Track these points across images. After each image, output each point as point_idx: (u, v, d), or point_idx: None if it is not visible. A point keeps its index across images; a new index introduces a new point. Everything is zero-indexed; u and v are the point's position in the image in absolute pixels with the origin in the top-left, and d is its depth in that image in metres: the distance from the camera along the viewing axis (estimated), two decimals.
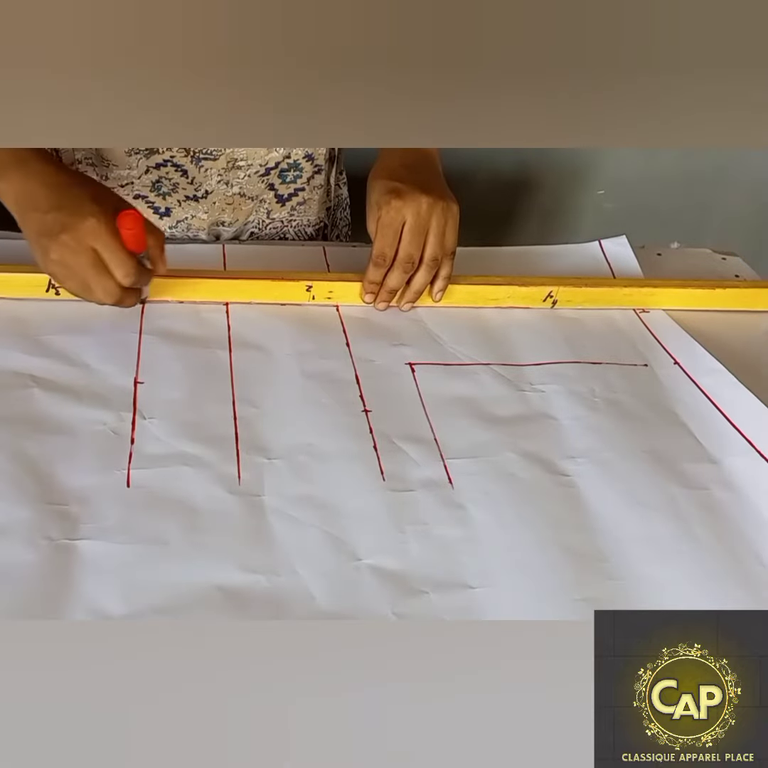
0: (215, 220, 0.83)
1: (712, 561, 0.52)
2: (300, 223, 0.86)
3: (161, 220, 0.82)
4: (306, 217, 0.86)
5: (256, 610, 0.47)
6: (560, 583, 0.50)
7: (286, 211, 0.85)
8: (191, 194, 0.80)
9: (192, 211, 0.82)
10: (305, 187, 0.84)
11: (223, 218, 0.83)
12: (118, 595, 0.46)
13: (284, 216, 0.85)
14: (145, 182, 0.79)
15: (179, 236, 0.83)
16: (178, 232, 0.83)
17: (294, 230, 0.87)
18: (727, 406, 0.64)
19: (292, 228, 0.86)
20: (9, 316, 0.64)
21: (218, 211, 0.82)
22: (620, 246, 0.81)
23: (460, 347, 0.68)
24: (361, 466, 0.56)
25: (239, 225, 0.84)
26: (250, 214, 0.84)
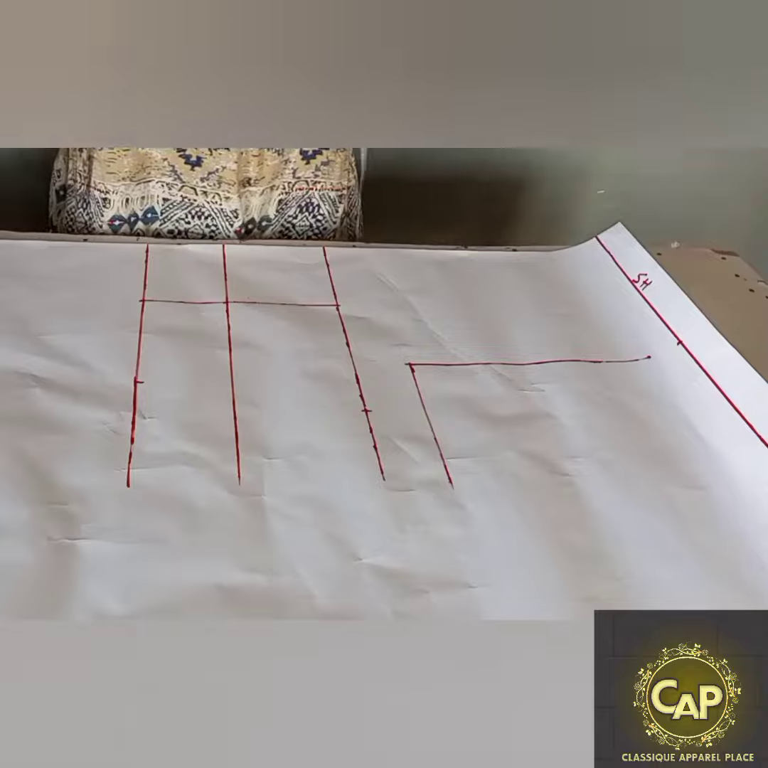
0: (244, 176, 0.81)
1: (713, 561, 0.52)
2: (324, 186, 0.86)
3: (193, 171, 0.81)
4: (329, 180, 0.86)
5: (256, 609, 0.47)
6: (560, 582, 0.50)
7: (311, 171, 0.85)
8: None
9: (222, 161, 0.80)
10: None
11: (251, 173, 0.82)
12: (118, 595, 0.46)
13: (309, 176, 0.85)
14: None
15: (210, 193, 0.81)
16: (210, 186, 0.81)
17: (320, 194, 0.86)
18: (731, 388, 0.62)
19: (317, 191, 0.86)
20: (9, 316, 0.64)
21: (244, 162, 0.81)
22: (617, 234, 0.80)
23: (460, 347, 0.68)
24: (361, 465, 0.56)
25: (265, 185, 0.83)
26: (277, 173, 0.83)
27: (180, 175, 0.81)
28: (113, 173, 0.81)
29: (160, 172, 0.81)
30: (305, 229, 0.87)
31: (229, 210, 0.82)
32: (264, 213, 0.84)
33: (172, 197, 0.82)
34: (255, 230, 0.85)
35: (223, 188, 0.82)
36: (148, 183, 0.81)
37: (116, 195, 0.81)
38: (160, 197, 0.82)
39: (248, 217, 0.83)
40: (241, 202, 0.82)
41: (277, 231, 0.86)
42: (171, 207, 0.82)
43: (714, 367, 0.64)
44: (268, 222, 0.85)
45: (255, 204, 0.83)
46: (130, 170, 0.80)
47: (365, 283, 0.74)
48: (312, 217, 0.87)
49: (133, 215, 0.82)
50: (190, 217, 0.82)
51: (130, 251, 0.74)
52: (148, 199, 0.82)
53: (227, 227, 0.83)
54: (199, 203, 0.82)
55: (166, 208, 0.82)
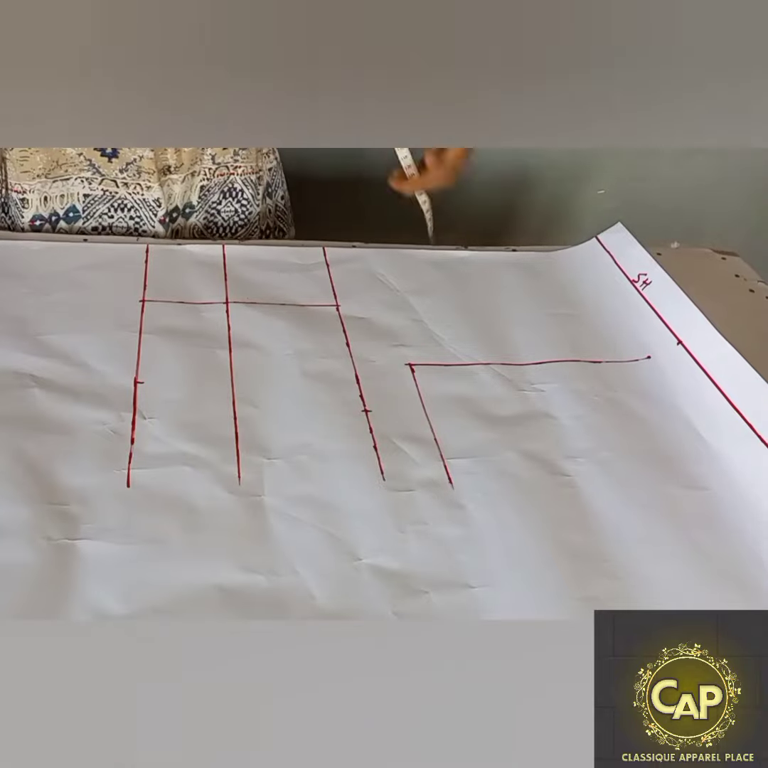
0: (163, 165, 0.81)
1: (713, 561, 0.52)
2: (245, 171, 0.86)
3: (110, 163, 0.80)
4: (249, 163, 0.86)
5: (256, 610, 0.47)
6: (560, 582, 0.50)
7: (229, 156, 0.84)
8: None
9: (139, 150, 0.79)
10: None
11: (169, 161, 0.81)
12: (118, 595, 0.46)
13: (228, 161, 0.84)
14: None
15: (130, 184, 0.81)
16: (130, 177, 0.80)
17: (241, 178, 0.86)
18: (731, 388, 0.62)
19: (239, 176, 0.86)
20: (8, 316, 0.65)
21: (161, 150, 0.80)
22: (617, 234, 0.80)
23: (460, 347, 0.68)
24: (361, 466, 0.56)
25: (185, 171, 0.82)
26: (196, 159, 0.83)
27: (98, 168, 0.80)
28: (27, 171, 0.79)
29: (78, 168, 0.80)
30: (231, 214, 0.87)
31: (151, 199, 0.81)
32: (187, 200, 0.84)
33: (93, 192, 0.81)
34: (179, 218, 0.84)
35: (143, 178, 0.81)
36: (67, 180, 0.80)
37: (33, 194, 0.80)
38: (80, 194, 0.81)
39: (171, 205, 0.83)
40: (163, 191, 0.82)
41: (201, 218, 0.86)
42: (93, 203, 0.81)
43: (714, 367, 0.64)
44: (191, 209, 0.84)
45: (177, 192, 0.83)
46: (44, 167, 0.79)
47: (365, 283, 0.74)
48: (236, 202, 0.87)
49: (53, 214, 0.81)
50: (113, 211, 0.82)
51: (130, 251, 0.74)
52: (68, 198, 0.81)
53: (151, 217, 0.82)
54: (121, 195, 0.81)
55: (87, 205, 0.81)
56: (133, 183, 0.81)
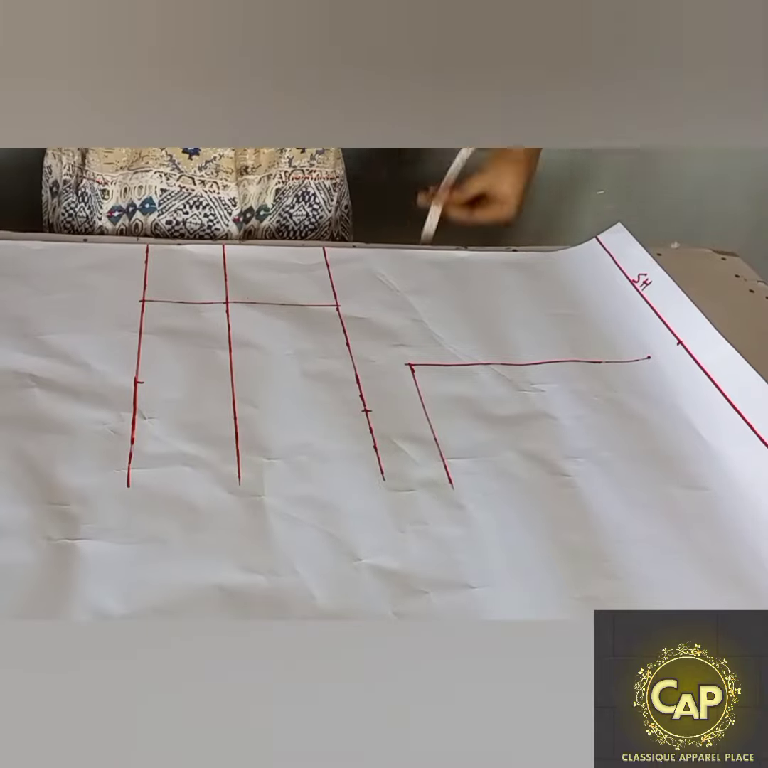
0: (240, 165, 0.82)
1: (713, 561, 0.52)
2: (319, 175, 0.87)
3: (190, 160, 0.81)
4: (324, 169, 0.87)
5: (256, 610, 0.47)
6: (560, 582, 0.50)
7: (306, 160, 0.85)
8: None
9: (220, 149, 0.80)
10: None
11: (247, 161, 0.82)
12: (118, 595, 0.46)
13: (305, 165, 0.85)
14: None
15: (207, 182, 0.81)
16: (207, 175, 0.81)
17: (315, 183, 0.87)
18: (731, 388, 0.62)
19: (313, 180, 0.87)
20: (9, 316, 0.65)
21: (241, 150, 0.81)
22: (617, 234, 0.80)
23: (460, 347, 0.68)
24: (361, 466, 0.56)
25: (262, 173, 0.83)
26: (273, 162, 0.83)
27: (178, 164, 0.81)
28: (111, 163, 0.81)
29: (158, 162, 0.81)
30: (302, 218, 0.87)
31: (227, 198, 0.82)
32: (261, 202, 0.85)
33: (170, 187, 0.82)
34: (253, 219, 0.85)
35: (221, 176, 0.82)
36: (146, 173, 0.81)
37: (114, 185, 0.81)
38: (157, 188, 0.82)
39: (246, 205, 0.83)
40: (239, 191, 0.82)
41: (275, 221, 0.86)
42: (169, 198, 0.82)
43: (714, 367, 0.64)
44: (266, 211, 0.85)
45: (252, 192, 0.84)
46: (128, 159, 0.80)
47: (365, 284, 0.74)
48: (309, 207, 0.87)
49: (131, 205, 0.82)
50: (188, 207, 0.82)
51: (130, 251, 0.74)
52: (146, 189, 0.82)
53: (225, 216, 0.83)
54: (197, 193, 0.82)
55: (163, 199, 0.82)
56: (210, 181, 0.82)
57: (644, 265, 0.75)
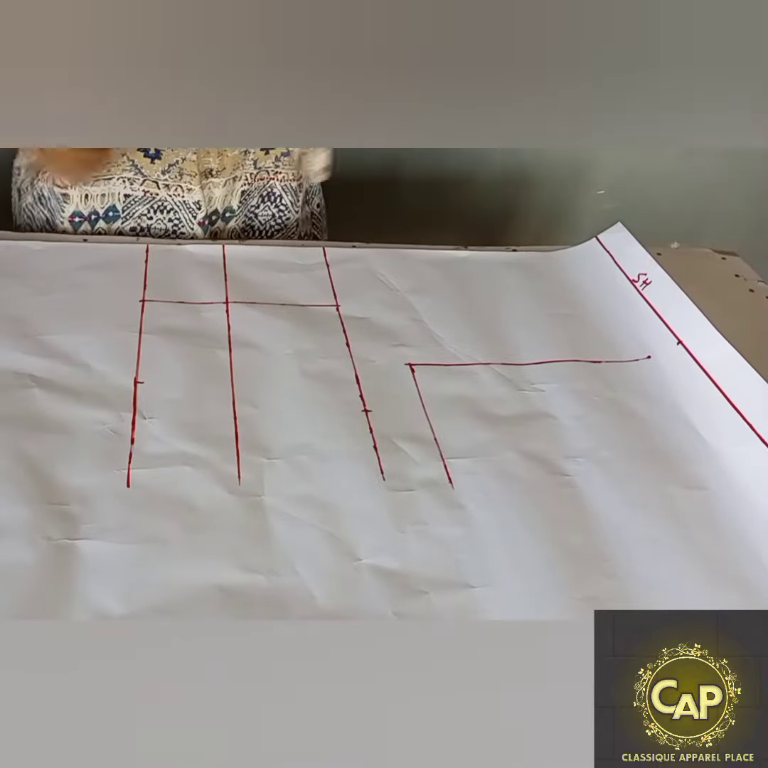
0: (204, 167, 0.81)
1: (713, 561, 0.52)
2: (285, 177, 0.86)
3: (153, 164, 0.80)
4: (290, 170, 0.86)
5: (256, 610, 0.47)
6: (560, 582, 0.50)
7: (271, 161, 0.85)
8: None
9: (182, 153, 0.80)
10: None
11: (211, 164, 0.81)
12: (118, 595, 0.46)
13: (270, 166, 0.85)
14: None
15: (172, 186, 0.81)
16: (171, 179, 0.81)
17: (281, 184, 0.87)
18: (731, 388, 0.62)
19: (279, 182, 0.86)
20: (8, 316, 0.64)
21: (204, 153, 0.80)
22: (617, 233, 0.80)
23: (460, 347, 0.68)
24: (361, 466, 0.56)
25: (227, 176, 0.82)
26: (238, 164, 0.83)
27: (141, 169, 0.80)
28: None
29: (120, 168, 0.80)
30: (268, 218, 0.87)
31: (191, 202, 0.82)
32: (227, 204, 0.84)
33: (134, 192, 0.81)
34: (219, 221, 0.84)
35: (185, 180, 0.81)
36: (109, 180, 0.80)
37: (75, 190, 0.80)
38: (121, 194, 0.81)
39: (211, 208, 0.83)
40: (204, 194, 0.82)
41: (240, 222, 0.86)
42: (132, 203, 0.81)
43: (714, 367, 0.64)
44: (231, 213, 0.85)
45: (218, 195, 0.83)
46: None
47: (365, 283, 0.74)
48: (275, 207, 0.87)
49: (93, 213, 0.81)
50: (152, 212, 0.82)
51: (130, 251, 0.74)
52: (109, 197, 0.81)
53: (191, 219, 0.82)
54: (162, 197, 0.81)
55: (127, 205, 0.81)
56: (174, 185, 0.81)
57: (644, 264, 0.75)
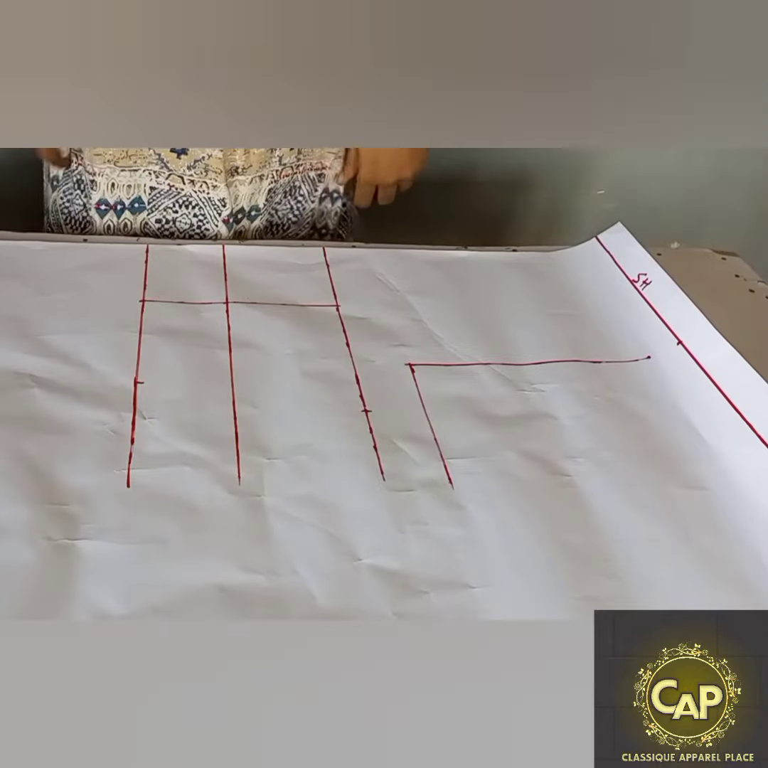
0: (230, 165, 0.81)
1: (713, 561, 0.52)
2: (305, 167, 0.87)
3: (179, 159, 0.81)
4: (309, 160, 0.86)
5: (256, 610, 0.47)
6: (560, 582, 0.50)
7: (294, 156, 0.85)
8: None
9: (208, 149, 0.80)
10: None
11: (237, 162, 0.82)
12: (118, 595, 0.46)
13: (293, 161, 0.85)
14: None
15: (197, 182, 0.81)
16: (197, 175, 0.81)
17: (301, 176, 0.87)
18: (731, 388, 0.62)
19: (300, 174, 0.87)
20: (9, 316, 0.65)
21: (230, 151, 0.81)
22: (617, 234, 0.80)
23: (460, 347, 0.68)
24: (361, 466, 0.56)
25: (253, 174, 0.82)
26: (264, 162, 0.83)
27: (166, 163, 0.81)
28: (99, 155, 0.81)
29: (147, 160, 0.81)
30: (286, 212, 0.87)
31: (216, 199, 0.82)
32: (253, 202, 0.84)
33: (159, 186, 0.81)
34: (244, 219, 0.85)
35: (210, 176, 0.81)
36: (135, 171, 0.81)
37: (102, 177, 0.81)
38: (147, 186, 0.81)
39: (237, 206, 0.83)
40: (230, 191, 0.82)
41: (264, 220, 0.86)
42: (158, 196, 0.82)
43: (714, 367, 0.64)
44: (257, 211, 0.85)
45: (244, 193, 0.83)
46: (114, 154, 0.80)
47: (365, 283, 0.74)
48: (293, 200, 0.87)
49: (119, 203, 0.82)
50: (177, 207, 0.82)
51: (130, 251, 0.74)
52: (135, 188, 0.82)
53: (215, 216, 0.83)
54: (187, 192, 0.82)
55: (153, 198, 0.82)
56: (199, 181, 0.82)
57: (644, 265, 0.75)
